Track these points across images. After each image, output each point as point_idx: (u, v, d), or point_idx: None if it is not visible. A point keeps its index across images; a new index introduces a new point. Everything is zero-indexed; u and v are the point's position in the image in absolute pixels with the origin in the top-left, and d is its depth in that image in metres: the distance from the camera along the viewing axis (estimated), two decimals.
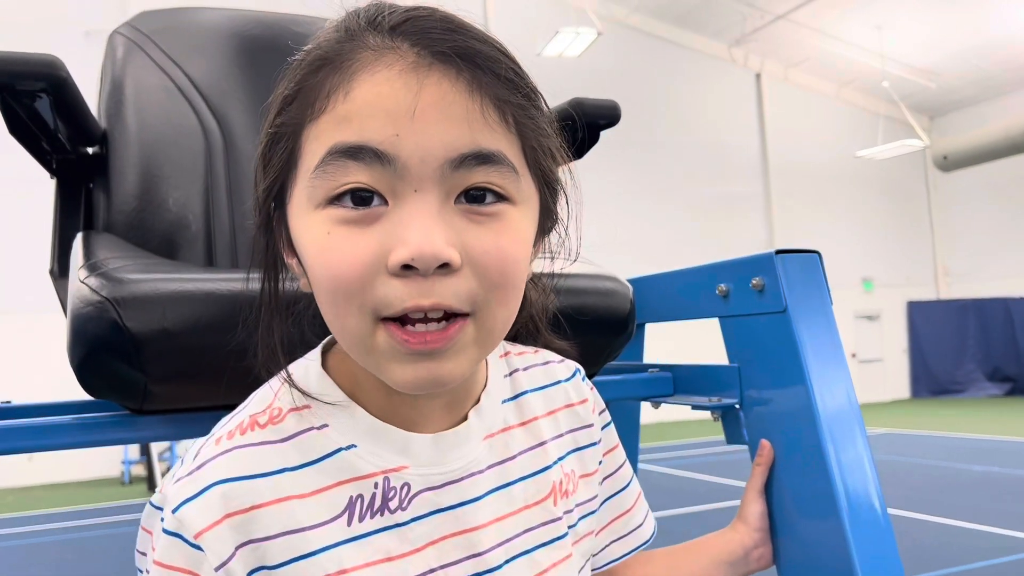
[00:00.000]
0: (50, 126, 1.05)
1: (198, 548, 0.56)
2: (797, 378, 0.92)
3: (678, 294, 1.14)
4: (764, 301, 0.97)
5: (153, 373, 0.74)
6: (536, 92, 0.61)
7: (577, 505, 0.74)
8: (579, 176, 0.70)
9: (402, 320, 0.55)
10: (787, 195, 16.84)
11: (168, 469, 10.61)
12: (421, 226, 0.53)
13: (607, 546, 0.83)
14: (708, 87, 16.36)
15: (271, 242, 0.64)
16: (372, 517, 0.61)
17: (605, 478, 0.81)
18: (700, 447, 11.08)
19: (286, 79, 0.60)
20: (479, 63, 0.56)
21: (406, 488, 0.63)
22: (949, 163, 16.06)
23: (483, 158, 0.56)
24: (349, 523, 0.61)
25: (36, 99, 0.93)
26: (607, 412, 0.82)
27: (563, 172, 0.67)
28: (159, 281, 0.76)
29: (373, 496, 0.62)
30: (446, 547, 0.64)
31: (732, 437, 1.03)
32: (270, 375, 0.65)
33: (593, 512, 0.77)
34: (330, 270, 0.55)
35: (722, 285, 1.03)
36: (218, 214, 1.18)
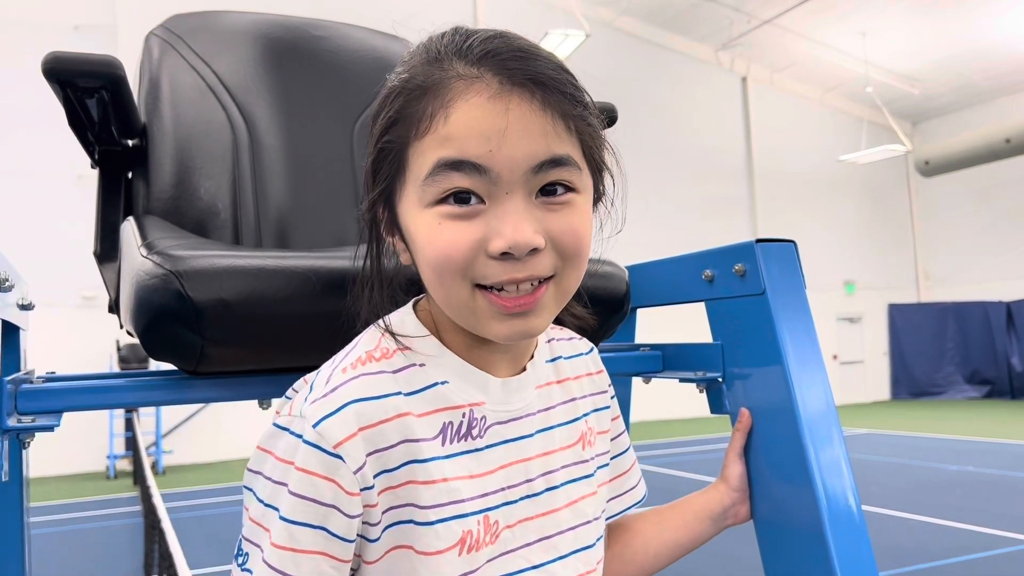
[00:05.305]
0: (96, 120, 1.14)
1: (337, 457, 0.68)
2: (774, 354, 1.03)
3: (668, 280, 1.24)
4: (745, 285, 1.08)
5: (210, 336, 0.84)
6: (586, 95, 0.74)
7: (597, 455, 0.89)
8: None
9: (494, 287, 0.69)
10: (771, 198, 16.98)
11: (155, 464, 10.64)
12: (514, 221, 0.68)
13: (606, 503, 0.94)
14: (695, 90, 16.49)
15: (376, 229, 0.78)
16: (459, 441, 0.75)
17: (611, 440, 0.95)
18: (688, 445, 11.21)
19: (387, 104, 0.74)
20: (548, 85, 0.70)
21: (483, 420, 0.77)
22: (931, 168, 16.27)
23: (556, 162, 0.69)
24: (443, 444, 0.74)
25: (94, 95, 1.02)
26: (612, 387, 0.96)
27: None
28: (215, 257, 0.86)
29: (461, 423, 0.76)
30: (510, 472, 0.78)
31: (715, 407, 1.14)
32: (366, 324, 0.79)
33: (606, 465, 0.92)
34: (440, 251, 0.69)
35: (708, 271, 1.14)
36: (244, 202, 1.28)
